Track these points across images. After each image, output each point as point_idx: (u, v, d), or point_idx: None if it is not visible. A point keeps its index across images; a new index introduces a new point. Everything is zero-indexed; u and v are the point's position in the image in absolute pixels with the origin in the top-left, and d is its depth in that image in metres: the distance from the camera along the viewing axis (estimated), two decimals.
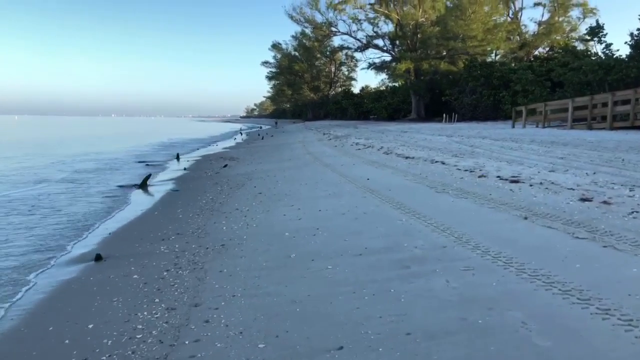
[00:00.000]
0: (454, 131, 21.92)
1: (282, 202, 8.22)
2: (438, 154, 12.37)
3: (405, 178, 9.32)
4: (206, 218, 7.44)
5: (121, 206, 9.36)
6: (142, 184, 12.22)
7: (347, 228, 5.94)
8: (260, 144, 27.84)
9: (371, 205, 7.10)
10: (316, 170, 12.19)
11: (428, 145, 15.27)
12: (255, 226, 6.58)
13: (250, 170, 13.52)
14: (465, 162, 10.32)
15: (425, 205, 6.78)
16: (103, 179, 13.99)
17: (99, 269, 5.30)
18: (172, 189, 11.22)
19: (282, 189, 9.62)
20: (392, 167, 10.93)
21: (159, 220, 7.70)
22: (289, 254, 5.06)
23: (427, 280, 3.96)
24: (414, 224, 5.80)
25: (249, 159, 17.54)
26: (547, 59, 38.90)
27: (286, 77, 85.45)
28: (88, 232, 7.14)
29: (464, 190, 7.55)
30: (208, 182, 11.93)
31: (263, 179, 11.35)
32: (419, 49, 44.21)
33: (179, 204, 8.96)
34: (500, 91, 35.18)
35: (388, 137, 20.97)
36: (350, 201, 7.59)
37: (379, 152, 14.53)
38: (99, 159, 20.42)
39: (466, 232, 5.26)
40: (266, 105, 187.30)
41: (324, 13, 47.84)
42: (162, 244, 6.07)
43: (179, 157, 20.78)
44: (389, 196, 7.62)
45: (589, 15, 53.08)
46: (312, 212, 7.13)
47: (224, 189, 10.44)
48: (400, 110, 51.17)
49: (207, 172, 14.29)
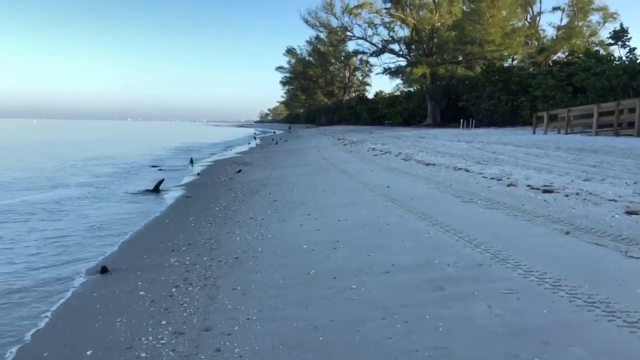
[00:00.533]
0: (472, 137, 21.33)
1: (298, 210, 7.82)
2: (460, 161, 11.86)
3: (428, 186, 8.85)
4: (219, 227, 7.07)
5: (131, 213, 9.04)
6: (155, 189, 11.94)
7: (370, 241, 5.50)
8: (274, 149, 27.53)
9: (394, 216, 6.65)
10: (332, 176, 11.77)
11: (448, 152, 14.75)
12: (270, 237, 6.18)
13: (265, 176, 13.16)
14: (490, 170, 9.81)
15: (452, 216, 6.31)
16: (115, 184, 13.75)
17: (104, 283, 4.94)
18: (184, 195, 10.90)
19: (298, 196, 9.22)
20: (412, 175, 10.46)
21: (170, 229, 7.34)
22: (308, 270, 4.64)
23: (466, 305, 3.50)
24: (443, 238, 5.34)
25: (263, 165, 17.20)
26: (567, 63, 38.02)
27: (300, 82, 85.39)
28: (95, 242, 6.80)
29: (493, 200, 7.06)
30: (221, 188, 11.60)
31: (278, 186, 10.97)
32: (435, 54, 43.63)
33: (191, 211, 8.62)
34: (518, 96, 34.42)
35: (405, 143, 20.47)
36: (371, 211, 7.15)
37: (397, 159, 14.06)
38: (113, 163, 20.28)
39: (502, 247, 4.78)
40: (280, 110, 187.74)
41: (340, 17, 47.64)
42: (172, 255, 5.70)
43: (192, 161, 20.55)
44: (412, 206, 7.16)
45: (609, 20, 52.11)
46: (331, 222, 6.71)
47: (238, 195, 10.08)
48: (416, 116, 50.53)
49: (221, 177, 13.97)
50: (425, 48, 44.50)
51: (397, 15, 43.83)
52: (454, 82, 44.84)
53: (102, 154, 26.26)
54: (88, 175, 15.74)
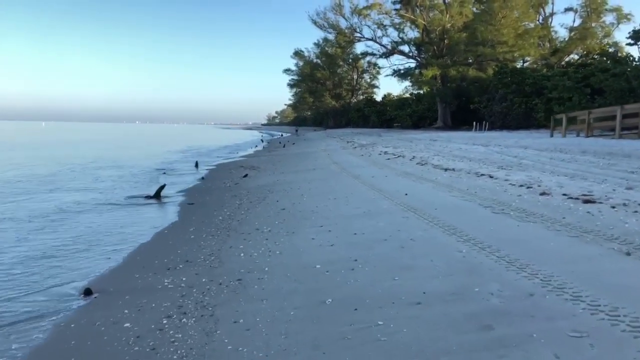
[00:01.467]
0: (488, 140, 20.52)
1: (308, 221, 7.11)
2: (481, 166, 11.10)
3: (450, 194, 8.10)
4: (221, 240, 6.37)
5: (128, 222, 8.38)
6: (156, 195, 11.29)
7: (394, 261, 4.78)
8: (282, 152, 26.87)
9: (417, 229, 5.92)
10: (344, 182, 11.06)
11: (466, 156, 13.99)
12: (278, 253, 5.47)
13: (272, 182, 12.48)
14: (516, 176, 9.04)
15: (484, 230, 5.57)
16: (116, 188, 13.14)
17: (85, 309, 4.26)
18: (187, 202, 10.23)
19: (308, 204, 8.52)
20: (431, 181, 9.72)
21: (168, 241, 6.66)
22: (323, 298, 3.92)
23: (525, 355, 2.77)
24: (478, 257, 4.61)
25: (270, 169, 16.52)
26: (582, 65, 37.09)
27: (308, 84, 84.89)
28: (83, 256, 6.13)
29: (528, 211, 6.30)
30: (226, 194, 10.92)
31: (286, 192, 10.28)
32: (446, 55, 42.81)
33: (192, 221, 7.94)
34: (532, 99, 33.52)
35: (418, 146, 19.71)
36: (390, 222, 6.42)
37: (412, 163, 13.31)
38: (116, 166, 19.72)
39: (553, 271, 4.04)
40: (287, 113, 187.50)
41: (349, 18, 46.95)
42: (167, 275, 5.01)
43: (197, 165, 19.94)
44: (436, 217, 6.43)
45: (623, 20, 51.10)
46: (346, 235, 5.99)
47: (243, 203, 9.39)
48: (426, 118, 49.73)
49: (226, 182, 13.30)
50: (435, 49, 43.69)
51: (407, 16, 43.08)
52: (465, 84, 44.02)
53: (106, 156, 25.75)
54: (88, 179, 15.15)
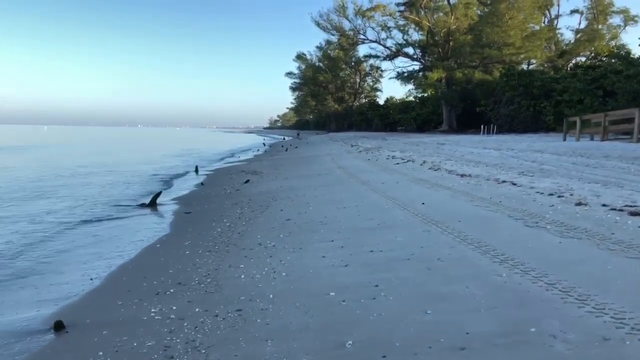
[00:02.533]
0: (499, 144, 19.77)
1: (317, 234, 6.38)
2: (499, 172, 10.35)
3: (472, 203, 7.35)
4: (220, 258, 5.64)
5: (118, 234, 7.66)
6: (151, 202, 10.58)
7: (422, 287, 4.03)
8: (285, 157, 26.14)
9: (442, 246, 5.18)
10: (353, 189, 10.31)
11: (480, 160, 13.23)
12: (285, 275, 4.73)
13: (275, 188, 11.75)
14: (542, 183, 8.28)
15: (521, 247, 4.82)
16: (111, 195, 12.44)
17: (51, 350, 3.52)
18: (184, 211, 9.49)
19: (315, 214, 7.78)
20: (448, 188, 8.97)
21: (160, 257, 5.93)
22: (341, 339, 3.18)
23: None
24: (524, 284, 3.86)
25: (273, 174, 15.80)
26: (590, 67, 36.32)
27: (310, 87, 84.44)
28: (60, 278, 5.39)
29: (567, 225, 5.55)
30: (226, 202, 10.20)
31: (291, 200, 9.54)
32: (451, 58, 42.10)
33: (188, 233, 7.21)
34: (540, 101, 32.75)
35: (426, 150, 18.96)
36: (410, 237, 5.68)
37: (424, 168, 12.57)
38: (114, 171, 19.05)
39: (623, 305, 3.29)
40: (289, 116, 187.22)
41: (352, 20, 46.26)
42: (155, 302, 4.27)
43: (197, 170, 19.24)
44: (462, 231, 5.68)
45: (630, 22, 50.43)
46: (361, 253, 5.25)
47: (245, 212, 8.66)
48: (430, 122, 48.96)
49: (226, 188, 12.58)
50: (440, 51, 42.99)
51: (411, 17, 42.43)
52: (471, 86, 43.30)
53: (103, 161, 25.09)
54: (81, 184, 14.45)
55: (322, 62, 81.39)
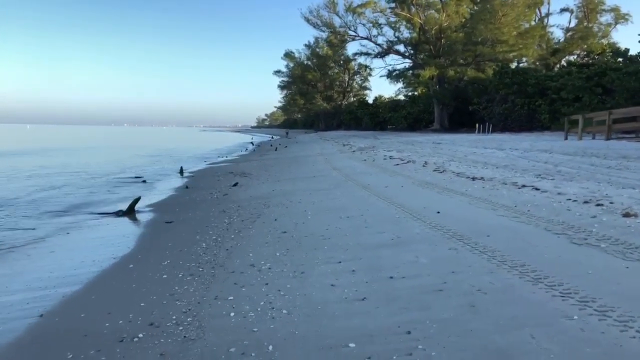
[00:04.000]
0: (498, 143, 18.95)
1: (320, 252, 5.37)
2: (514, 174, 9.45)
3: (495, 213, 6.41)
4: (204, 285, 4.60)
5: (85, 249, 6.56)
6: (129, 210, 9.47)
7: (473, 338, 3.05)
8: (275, 157, 25.06)
9: (480, 271, 4.21)
10: (354, 194, 9.32)
11: (486, 161, 12.34)
12: (286, 314, 3.71)
13: (267, 192, 10.70)
14: (570, 189, 7.38)
15: (580, 275, 3.88)
16: (85, 200, 11.30)
17: None
18: (164, 220, 8.40)
19: (315, 225, 6.77)
20: (461, 193, 8.03)
21: (131, 283, 4.86)
22: None
23: None
24: (612, 335, 2.90)
25: (263, 176, 14.74)
26: (584, 65, 35.84)
27: (299, 86, 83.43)
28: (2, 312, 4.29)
29: (627, 243, 4.62)
30: (213, 209, 9.13)
31: (285, 207, 8.52)
32: (443, 55, 41.32)
33: (167, 249, 6.14)
34: (535, 100, 32.16)
35: (424, 150, 18.06)
36: (435, 258, 4.70)
37: (427, 170, 11.63)
38: (93, 172, 17.81)
39: None
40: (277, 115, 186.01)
41: (343, 16, 45.18)
42: (118, 356, 3.22)
43: (182, 171, 18.07)
44: (496, 250, 4.73)
45: (621, 21, 50.25)
46: (379, 280, 4.26)
47: (233, 221, 7.61)
48: (421, 120, 48.24)
49: (213, 193, 11.49)
50: (432, 49, 42.20)
51: (402, 14, 41.55)
52: (463, 84, 42.62)
53: (82, 161, 23.76)
54: (53, 187, 13.24)
55: (311, 61, 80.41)
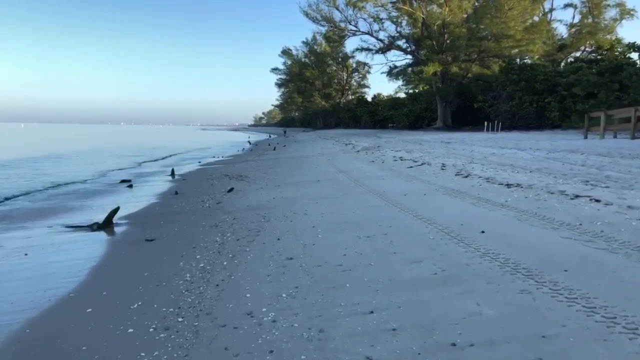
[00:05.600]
0: (514, 142, 17.63)
1: (341, 292, 4.02)
2: (556, 181, 8.10)
3: (559, 234, 5.05)
4: (183, 350, 3.22)
5: (40, 278, 5.16)
6: (106, 222, 8.07)
7: None
8: (273, 156, 23.66)
9: (584, 335, 2.86)
10: (368, 203, 7.96)
11: (513, 164, 11.00)
12: None
13: (266, 200, 9.33)
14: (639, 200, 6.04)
15: None
16: (63, 205, 9.94)
17: None
18: (145, 238, 7.00)
19: (329, 248, 5.40)
20: (502, 205, 6.68)
21: (80, 344, 3.47)
22: None
23: None
24: None
25: (261, 179, 13.35)
26: (593, 60, 34.55)
27: (296, 84, 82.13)
28: None
29: None
30: (203, 222, 7.74)
31: (289, 220, 7.15)
32: (446, 51, 39.95)
33: (141, 283, 4.76)
34: (544, 96, 30.88)
35: (435, 150, 16.71)
36: (508, 311, 3.35)
37: (447, 173, 10.29)
38: (75, 175, 16.37)
39: None
40: (274, 113, 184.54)
41: (343, 10, 43.64)
42: None
43: (174, 173, 16.66)
44: (591, 296, 3.38)
45: (626, 16, 49.08)
46: (439, 351, 2.90)
47: (227, 240, 6.24)
48: (423, 119, 46.92)
49: (205, 200, 10.11)
50: (435, 45, 40.83)
51: (404, 8, 40.12)
52: (467, 81, 41.31)
53: (64, 163, 22.32)
54: (23, 192, 11.83)
55: (308, 58, 79.07)
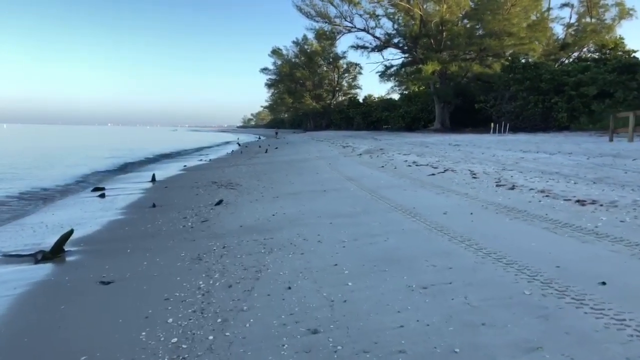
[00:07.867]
0: (538, 146, 15.93)
1: None
2: (638, 195, 6.32)
3: None
4: None
5: None
6: (54, 250, 6.09)
7: None
8: (266, 160, 21.69)
9: None
10: (399, 226, 6.08)
11: (558, 171, 9.22)
12: None
13: (264, 218, 7.41)
14: None
15: None
16: (11, 217, 7.92)
17: None
18: (101, 279, 5.01)
19: (372, 309, 3.52)
20: (595, 233, 4.88)
21: None
22: None
23: None
24: None
25: (255, 188, 11.42)
26: (598, 60, 33.18)
27: (287, 84, 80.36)
28: None
29: None
30: (182, 251, 5.79)
31: (300, 253, 5.24)
32: (445, 49, 38.36)
33: None
34: (550, 97, 29.37)
35: (449, 153, 14.93)
36: None
37: (483, 183, 8.47)
38: (42, 179, 14.27)
39: None
40: (263, 115, 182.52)
41: (338, 5, 41.76)
42: None
43: (154, 179, 14.66)
44: None
45: (625, 16, 48.16)
46: None
47: (214, 289, 4.31)
48: (420, 120, 45.29)
49: (188, 216, 8.15)
50: (433, 43, 39.22)
51: (401, 5, 38.48)
52: (465, 81, 39.76)
53: (35, 165, 20.13)
54: None
55: (299, 58, 77.36)
